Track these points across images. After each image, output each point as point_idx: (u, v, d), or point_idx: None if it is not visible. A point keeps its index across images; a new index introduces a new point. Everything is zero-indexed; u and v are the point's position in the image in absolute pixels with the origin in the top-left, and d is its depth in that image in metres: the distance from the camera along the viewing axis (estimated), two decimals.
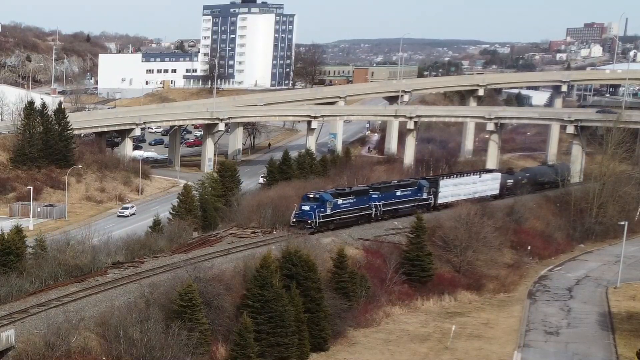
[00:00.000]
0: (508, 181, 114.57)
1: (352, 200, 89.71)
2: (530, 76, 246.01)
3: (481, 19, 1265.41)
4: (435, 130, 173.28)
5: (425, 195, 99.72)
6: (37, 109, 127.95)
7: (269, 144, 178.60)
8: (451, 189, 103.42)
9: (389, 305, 76.84)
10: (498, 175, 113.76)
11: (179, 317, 55.69)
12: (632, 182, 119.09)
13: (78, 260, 68.57)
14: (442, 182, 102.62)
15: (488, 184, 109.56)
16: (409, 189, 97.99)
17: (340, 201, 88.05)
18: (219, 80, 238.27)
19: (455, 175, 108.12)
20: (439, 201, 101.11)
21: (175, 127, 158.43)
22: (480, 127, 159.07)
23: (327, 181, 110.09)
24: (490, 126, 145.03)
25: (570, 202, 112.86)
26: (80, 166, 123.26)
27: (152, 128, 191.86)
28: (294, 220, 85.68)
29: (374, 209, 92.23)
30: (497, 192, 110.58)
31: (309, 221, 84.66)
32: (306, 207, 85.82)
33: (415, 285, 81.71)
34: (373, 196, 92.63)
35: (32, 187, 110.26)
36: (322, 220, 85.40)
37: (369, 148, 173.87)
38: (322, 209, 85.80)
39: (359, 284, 74.67)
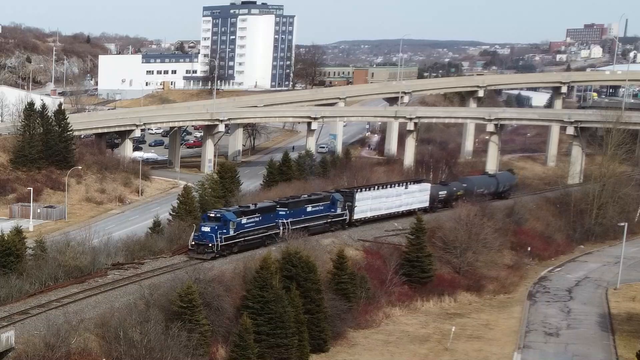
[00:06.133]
0: (440, 193, 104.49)
1: (257, 219, 78.59)
2: (530, 77, 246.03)
3: (481, 20, 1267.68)
4: (435, 132, 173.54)
5: (339, 211, 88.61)
6: (37, 110, 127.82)
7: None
8: (370, 203, 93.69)
9: (389, 307, 76.93)
10: (427, 186, 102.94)
11: (178, 318, 55.71)
12: (632, 183, 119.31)
13: (78, 262, 68.53)
14: (358, 196, 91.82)
15: (416, 196, 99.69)
16: (321, 203, 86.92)
17: (244, 220, 76.91)
18: (219, 81, 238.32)
19: (375, 187, 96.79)
20: (355, 217, 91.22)
21: (175, 128, 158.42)
22: (480, 128, 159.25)
23: (327, 182, 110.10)
24: (490, 127, 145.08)
25: (570, 203, 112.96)
26: (80, 167, 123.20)
27: (152, 129, 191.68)
28: (193, 243, 74.66)
29: (281, 228, 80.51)
30: (426, 204, 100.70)
31: (210, 244, 73.76)
32: (206, 229, 74.38)
33: (415, 286, 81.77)
34: (280, 213, 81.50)
35: (32, 189, 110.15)
36: (224, 243, 74.47)
37: (369, 146, 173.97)
38: (225, 230, 74.65)
39: (359, 285, 74.72)
